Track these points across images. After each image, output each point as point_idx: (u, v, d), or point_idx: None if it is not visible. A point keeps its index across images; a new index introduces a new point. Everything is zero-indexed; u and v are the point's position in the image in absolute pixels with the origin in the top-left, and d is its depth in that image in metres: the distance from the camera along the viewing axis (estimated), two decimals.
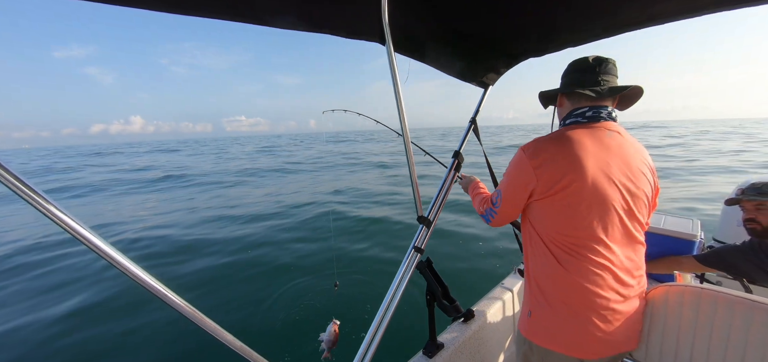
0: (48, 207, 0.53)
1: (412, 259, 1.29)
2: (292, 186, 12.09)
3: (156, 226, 7.50)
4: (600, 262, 0.98)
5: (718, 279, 2.21)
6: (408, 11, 1.08)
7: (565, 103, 1.11)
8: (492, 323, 1.67)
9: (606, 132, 1.02)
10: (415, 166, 1.23)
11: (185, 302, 0.67)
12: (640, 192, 1.02)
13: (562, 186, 0.96)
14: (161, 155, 40.42)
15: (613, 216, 0.98)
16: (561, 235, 1.00)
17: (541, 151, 1.01)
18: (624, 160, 1.00)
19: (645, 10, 1.05)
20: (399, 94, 1.11)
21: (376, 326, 1.14)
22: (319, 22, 0.99)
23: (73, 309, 4.22)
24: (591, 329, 0.99)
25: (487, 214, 1.21)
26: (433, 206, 1.40)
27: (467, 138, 1.59)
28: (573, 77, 1.07)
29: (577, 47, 1.31)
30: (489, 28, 1.25)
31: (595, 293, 0.98)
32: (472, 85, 1.65)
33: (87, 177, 19.35)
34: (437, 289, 1.37)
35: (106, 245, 0.59)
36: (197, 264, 5.20)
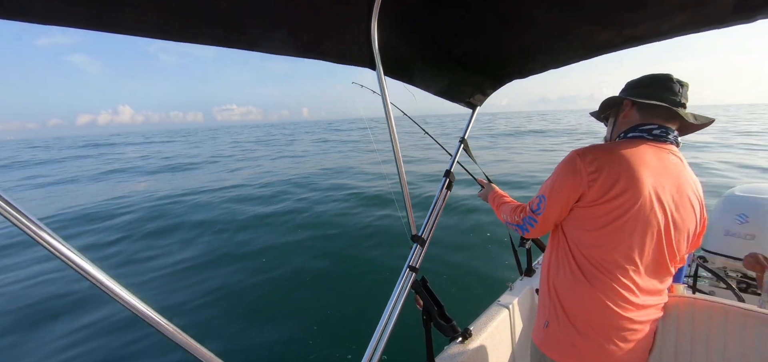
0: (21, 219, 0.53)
1: (407, 279, 1.29)
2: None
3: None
4: (626, 284, 0.95)
5: (711, 289, 2.23)
6: (397, 37, 1.13)
7: (634, 114, 1.02)
8: (490, 341, 1.65)
9: (669, 155, 0.97)
10: (407, 185, 1.25)
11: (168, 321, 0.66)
12: (684, 225, 0.98)
13: (612, 197, 0.91)
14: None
15: (651, 241, 0.94)
16: (594, 249, 0.96)
17: (598, 158, 0.94)
18: (678, 188, 0.95)
19: (620, 33, 1.11)
20: (390, 117, 1.14)
21: (372, 350, 1.12)
22: (310, 48, 1.02)
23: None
24: (609, 349, 0.96)
25: (525, 224, 1.12)
26: (426, 225, 1.41)
27: (457, 157, 1.62)
28: (656, 91, 0.99)
29: (559, 68, 1.38)
30: (475, 52, 1.31)
31: (617, 314, 0.95)
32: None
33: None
34: (433, 309, 1.36)
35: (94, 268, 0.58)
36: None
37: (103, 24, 0.65)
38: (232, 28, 0.83)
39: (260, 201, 9.39)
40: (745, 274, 2.12)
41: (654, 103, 0.97)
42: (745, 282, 2.11)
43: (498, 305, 1.85)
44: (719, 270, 2.16)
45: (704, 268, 2.16)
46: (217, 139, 51.81)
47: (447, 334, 1.37)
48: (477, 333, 1.61)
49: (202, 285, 4.78)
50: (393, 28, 1.07)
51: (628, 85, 1.07)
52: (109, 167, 20.49)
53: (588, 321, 0.97)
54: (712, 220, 2.31)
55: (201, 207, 8.95)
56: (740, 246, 2.11)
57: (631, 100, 1.02)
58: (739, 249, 2.11)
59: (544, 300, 1.10)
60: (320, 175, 12.69)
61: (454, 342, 1.56)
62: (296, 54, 1.00)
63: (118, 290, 0.61)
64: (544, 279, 1.10)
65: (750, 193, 2.21)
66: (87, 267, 0.58)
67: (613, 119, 1.10)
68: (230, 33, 0.83)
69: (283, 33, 0.92)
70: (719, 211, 2.27)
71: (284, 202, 8.93)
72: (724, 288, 2.01)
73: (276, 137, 43.76)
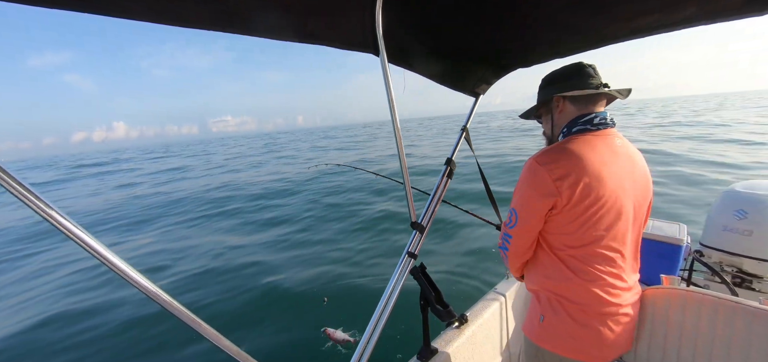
0: (50, 213, 0.55)
1: (405, 265, 1.31)
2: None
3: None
4: (611, 271, 1.00)
5: (706, 283, 2.26)
6: (401, 24, 1.12)
7: (568, 108, 1.05)
8: (485, 328, 1.69)
9: (615, 139, 1.02)
10: (408, 172, 1.26)
11: (186, 308, 0.68)
12: (645, 199, 1.05)
13: (581, 197, 0.93)
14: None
15: (624, 225, 0.99)
16: (574, 247, 0.99)
17: (559, 162, 0.95)
18: (632, 169, 1.01)
19: (627, 25, 1.10)
20: (392, 103, 1.14)
21: (370, 333, 1.15)
22: (315, 35, 1.02)
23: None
24: (604, 334, 1.00)
25: (504, 243, 1.12)
26: (426, 212, 1.43)
27: (459, 145, 1.62)
28: (575, 82, 1.03)
29: (563, 58, 1.36)
30: (479, 41, 1.30)
31: (607, 301, 0.99)
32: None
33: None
34: (431, 294, 1.39)
35: (110, 253, 0.60)
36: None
37: (90, 5, 0.63)
38: (236, 13, 0.82)
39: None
40: (740, 269, 2.14)
41: (585, 92, 1.01)
42: (740, 277, 2.14)
43: (495, 292, 1.88)
44: (715, 264, 2.19)
45: (700, 262, 2.19)
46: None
47: (444, 319, 1.40)
48: (473, 319, 1.65)
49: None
50: (397, 14, 1.06)
51: (546, 81, 1.10)
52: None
53: (584, 311, 1.00)
54: (711, 215, 2.32)
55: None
56: (738, 242, 2.12)
57: (561, 97, 1.05)
58: (737, 245, 2.12)
59: (537, 297, 1.12)
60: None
61: (450, 328, 1.60)
62: (301, 40, 1.00)
63: (145, 282, 0.63)
64: (533, 278, 1.12)
65: (750, 190, 2.21)
66: (115, 261, 0.60)
67: (550, 116, 1.12)
68: (234, 18, 0.83)
69: (288, 19, 0.91)
70: (718, 206, 2.28)
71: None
72: (719, 282, 2.04)
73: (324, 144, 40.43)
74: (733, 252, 2.14)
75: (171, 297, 0.67)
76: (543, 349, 1.07)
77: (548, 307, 1.06)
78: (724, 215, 2.20)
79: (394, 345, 3.10)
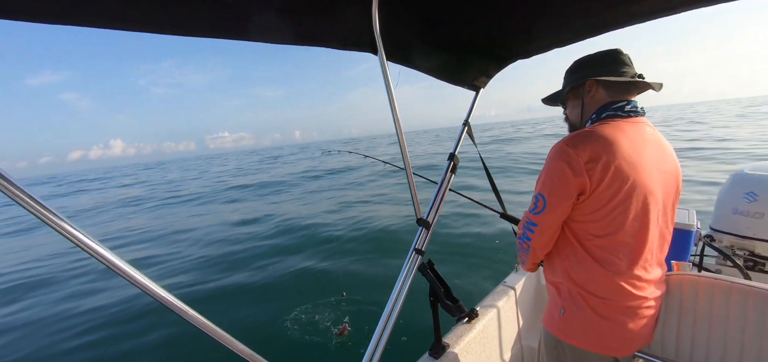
0: (51, 218, 0.55)
1: (413, 261, 1.31)
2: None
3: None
4: (637, 262, 0.97)
5: (718, 268, 2.23)
6: (398, 20, 1.12)
7: (601, 93, 1.02)
8: (496, 322, 1.68)
9: (645, 127, 0.99)
10: (411, 169, 1.26)
11: (193, 310, 0.69)
12: (673, 190, 1.01)
13: (610, 181, 0.90)
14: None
15: (655, 215, 0.96)
16: (601, 237, 0.96)
17: (589, 145, 0.92)
18: (662, 158, 0.99)
19: (626, 9, 1.09)
20: (393, 101, 1.14)
21: (381, 330, 1.16)
22: (313, 36, 1.02)
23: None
24: (627, 327, 0.98)
25: (524, 233, 1.07)
26: (431, 208, 1.42)
27: (461, 140, 1.62)
28: (611, 68, 1.00)
29: (563, 47, 1.36)
30: (478, 33, 1.30)
31: (632, 294, 0.97)
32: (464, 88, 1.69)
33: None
34: (440, 290, 1.39)
35: (113, 256, 0.61)
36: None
37: (89, 19, 0.63)
38: (232, 19, 0.82)
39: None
40: (752, 252, 2.11)
41: (622, 79, 0.98)
42: (752, 261, 2.11)
43: (504, 285, 1.88)
44: (726, 248, 2.16)
45: (711, 247, 2.16)
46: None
47: (454, 314, 1.40)
48: (483, 314, 1.64)
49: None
50: (394, 10, 1.06)
51: (579, 65, 1.06)
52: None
53: (608, 304, 0.98)
54: (721, 198, 2.28)
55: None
56: (749, 225, 2.09)
57: (594, 81, 1.02)
58: (748, 228, 2.09)
59: (557, 290, 1.08)
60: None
61: (461, 323, 1.59)
62: (298, 42, 1.00)
63: (144, 280, 0.64)
64: (554, 270, 1.08)
65: (759, 171, 2.17)
66: (111, 258, 0.61)
67: (579, 101, 1.08)
68: (230, 24, 0.83)
69: (284, 21, 0.92)
70: (727, 189, 2.24)
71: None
72: (730, 266, 2.01)
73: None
74: (744, 236, 2.11)
75: (180, 300, 0.68)
76: (563, 342, 1.05)
77: (570, 300, 1.02)
78: (734, 198, 2.17)
79: (405, 341, 3.11)
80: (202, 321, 0.70)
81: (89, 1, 0.61)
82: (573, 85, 1.07)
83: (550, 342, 1.10)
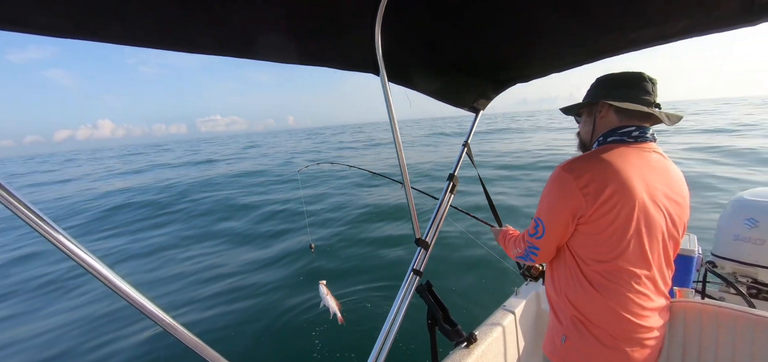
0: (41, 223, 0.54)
1: (411, 282, 1.29)
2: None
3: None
4: (640, 291, 0.95)
5: (721, 295, 2.19)
6: (401, 43, 1.14)
7: (612, 116, 1.01)
8: (495, 346, 1.64)
9: (652, 154, 0.98)
10: (411, 189, 1.26)
11: (166, 314, 0.67)
12: (681, 219, 0.99)
13: (611, 212, 0.90)
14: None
15: (656, 243, 0.95)
16: (601, 262, 0.95)
17: (586, 171, 0.92)
18: (668, 184, 0.96)
19: (623, 37, 1.12)
20: (393, 120, 1.16)
21: (377, 354, 1.13)
22: (316, 57, 1.04)
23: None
24: (633, 357, 0.96)
25: (527, 254, 1.11)
26: (430, 228, 1.41)
27: (461, 161, 1.63)
28: (628, 92, 0.98)
29: (561, 72, 1.38)
30: (478, 58, 1.33)
31: (635, 324, 0.95)
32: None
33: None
34: (438, 313, 1.36)
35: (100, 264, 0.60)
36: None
37: (94, 33, 0.64)
38: (238, 38, 0.84)
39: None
40: (755, 279, 2.09)
41: (633, 107, 0.96)
42: (755, 288, 2.08)
43: (504, 310, 1.84)
44: (729, 275, 2.13)
45: (713, 273, 2.13)
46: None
47: (452, 339, 1.36)
48: (482, 338, 1.60)
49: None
50: (396, 34, 1.08)
51: (600, 82, 1.04)
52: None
53: (610, 333, 0.96)
54: (721, 224, 2.27)
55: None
56: (750, 252, 2.07)
57: (607, 103, 1.00)
58: (749, 255, 2.07)
59: (558, 316, 1.07)
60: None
61: (459, 347, 1.55)
62: (302, 62, 1.02)
63: (128, 289, 0.63)
64: (556, 294, 1.07)
65: (759, 197, 2.17)
66: (98, 267, 0.60)
67: (591, 119, 1.07)
68: (237, 42, 0.85)
69: (290, 41, 0.94)
70: (728, 216, 2.24)
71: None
72: (734, 293, 1.98)
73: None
74: (746, 262, 2.09)
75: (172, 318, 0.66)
76: None
77: (572, 328, 1.01)
78: (735, 224, 2.16)
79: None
80: (195, 341, 0.68)
81: (101, 18, 0.63)
82: (588, 102, 1.06)
83: None
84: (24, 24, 0.56)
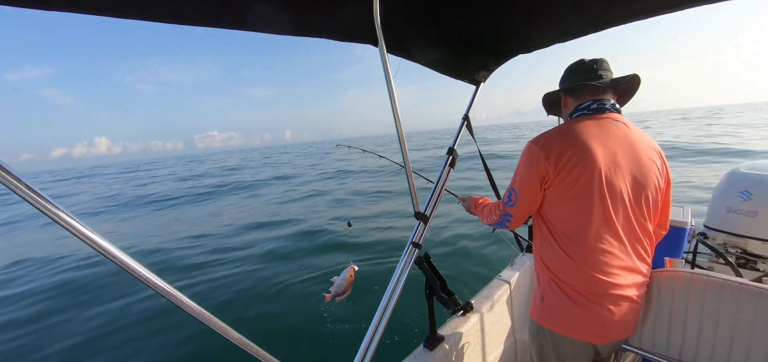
0: (56, 212, 0.55)
1: (410, 255, 1.32)
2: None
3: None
4: (605, 249, 1.01)
5: (710, 265, 2.26)
6: (399, 13, 1.11)
7: (569, 101, 1.14)
8: (490, 314, 1.70)
9: (612, 122, 1.04)
10: (410, 163, 1.26)
11: (194, 302, 0.69)
12: (649, 181, 1.04)
13: (571, 174, 0.99)
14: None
15: (620, 205, 1.01)
16: (566, 224, 1.03)
17: (550, 141, 1.03)
18: (631, 148, 1.03)
19: (628, 6, 1.08)
20: (393, 94, 1.14)
21: (377, 322, 1.17)
22: (314, 27, 1.01)
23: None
24: (602, 314, 1.02)
25: (502, 220, 1.21)
26: (429, 202, 1.43)
27: (461, 134, 1.62)
28: (574, 77, 1.11)
29: (563, 43, 1.35)
30: (478, 27, 1.29)
31: (603, 281, 1.01)
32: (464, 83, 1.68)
33: None
34: (436, 283, 1.40)
35: (118, 250, 0.61)
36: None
37: (85, 5, 0.63)
38: (232, 8, 0.81)
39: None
40: (744, 250, 2.14)
41: (574, 84, 1.09)
42: (744, 258, 2.13)
43: (499, 279, 1.89)
44: (719, 246, 2.18)
45: (704, 244, 2.18)
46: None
47: (449, 307, 1.41)
48: (478, 307, 1.66)
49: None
50: (395, 3, 1.05)
51: (560, 80, 1.17)
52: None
53: (578, 291, 1.03)
54: (715, 197, 2.30)
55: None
56: (742, 223, 2.12)
57: (562, 92, 1.16)
58: (741, 226, 2.12)
59: (538, 277, 1.17)
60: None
61: (456, 316, 1.61)
62: (298, 33, 1.00)
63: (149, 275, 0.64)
64: (536, 257, 1.16)
65: (755, 170, 2.19)
66: (115, 252, 0.61)
67: (562, 112, 1.22)
68: (230, 13, 0.82)
69: (285, 11, 0.91)
70: (722, 188, 2.26)
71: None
72: (723, 264, 2.04)
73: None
74: (737, 234, 2.13)
75: (189, 298, 0.68)
76: (544, 328, 1.11)
77: (547, 288, 1.09)
78: (729, 196, 2.19)
79: (400, 334, 3.14)
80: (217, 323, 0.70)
81: None
82: (549, 100, 1.24)
83: (533, 329, 1.16)
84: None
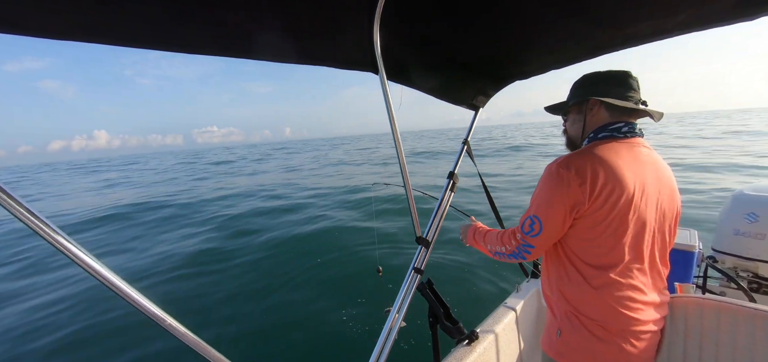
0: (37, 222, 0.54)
1: (412, 281, 1.29)
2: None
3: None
4: (633, 284, 0.96)
5: (722, 289, 2.19)
6: (399, 41, 1.14)
7: (602, 113, 1.03)
8: (497, 344, 1.64)
9: (641, 148, 0.99)
10: (411, 187, 1.26)
11: (181, 325, 0.67)
12: (670, 212, 1.01)
13: (606, 203, 0.91)
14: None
15: (648, 236, 0.96)
16: (595, 256, 0.96)
17: (583, 165, 0.93)
18: (657, 176, 0.98)
19: (621, 32, 1.11)
20: (393, 120, 1.16)
21: (379, 350, 1.13)
22: (315, 56, 1.04)
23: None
24: (626, 350, 0.96)
25: (520, 251, 1.05)
26: (430, 226, 1.41)
27: (461, 159, 1.63)
28: (617, 90, 1.00)
29: (560, 69, 1.38)
30: (477, 55, 1.32)
31: (629, 316, 0.95)
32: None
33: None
34: (439, 311, 1.36)
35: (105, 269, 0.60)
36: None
37: (99, 35, 0.65)
38: (238, 37, 0.84)
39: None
40: (756, 274, 2.09)
41: (624, 104, 0.98)
42: (756, 282, 2.08)
43: (505, 307, 1.84)
44: (730, 270, 2.13)
45: (714, 268, 2.13)
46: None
47: (453, 336, 1.37)
48: (484, 336, 1.60)
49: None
50: (395, 32, 1.08)
51: (587, 80, 1.05)
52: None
53: (603, 326, 0.97)
54: (722, 219, 2.27)
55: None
56: (751, 246, 2.07)
57: (598, 100, 1.02)
58: (750, 249, 2.07)
59: (553, 311, 1.09)
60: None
61: (460, 345, 1.55)
62: (301, 61, 1.02)
63: (130, 291, 0.63)
64: (550, 288, 1.09)
65: (760, 192, 2.17)
66: (99, 269, 0.60)
67: (581, 117, 1.08)
68: (236, 42, 0.85)
69: (289, 41, 0.94)
70: (728, 211, 2.24)
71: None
72: (735, 288, 1.98)
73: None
74: (747, 257, 2.09)
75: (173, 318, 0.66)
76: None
77: (566, 322, 1.02)
78: (735, 219, 2.16)
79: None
80: (195, 340, 0.68)
81: (102, 20, 0.63)
82: (577, 100, 1.07)
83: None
84: (24, 27, 0.56)
